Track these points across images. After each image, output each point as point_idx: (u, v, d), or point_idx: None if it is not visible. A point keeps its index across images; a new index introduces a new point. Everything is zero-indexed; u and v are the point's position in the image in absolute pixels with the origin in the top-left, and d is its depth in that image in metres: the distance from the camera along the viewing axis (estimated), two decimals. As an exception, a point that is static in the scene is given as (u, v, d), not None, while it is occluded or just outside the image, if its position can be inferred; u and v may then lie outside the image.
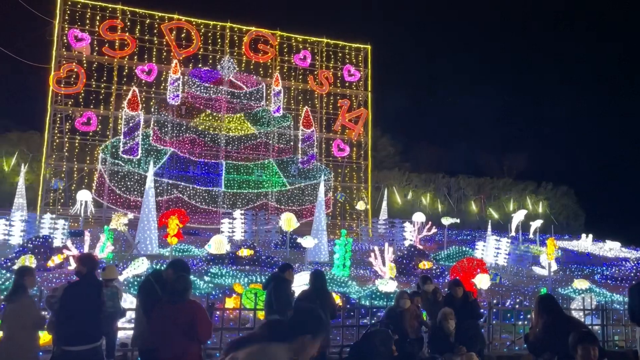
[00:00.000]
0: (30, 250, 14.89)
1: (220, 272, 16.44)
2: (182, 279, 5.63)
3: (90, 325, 6.43)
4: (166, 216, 20.51)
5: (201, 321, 5.40)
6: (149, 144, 27.10)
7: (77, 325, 6.39)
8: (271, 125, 28.92)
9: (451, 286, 8.04)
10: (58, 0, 26.33)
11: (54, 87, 25.80)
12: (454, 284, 8.07)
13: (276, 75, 29.20)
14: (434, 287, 8.32)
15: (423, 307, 8.15)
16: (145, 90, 27.82)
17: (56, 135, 26.41)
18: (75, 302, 6.42)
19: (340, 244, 16.90)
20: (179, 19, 28.13)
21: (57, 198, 26.09)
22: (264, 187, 27.71)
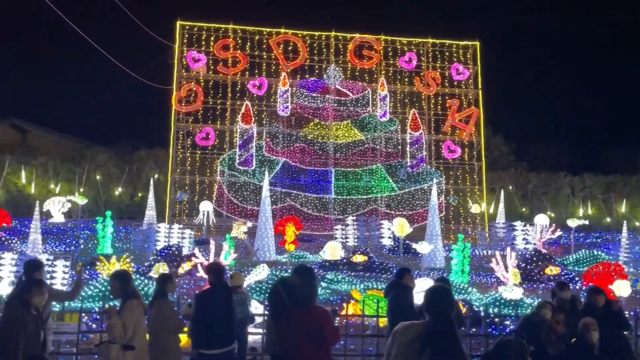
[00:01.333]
0: (162, 258, 16.11)
1: (336, 278, 16.59)
2: (308, 285, 5.68)
3: (223, 329, 6.74)
4: (281, 224, 21.22)
5: (328, 326, 5.41)
6: (262, 154, 28.24)
7: (211, 329, 6.74)
8: (378, 130, 28.84)
9: (591, 294, 7.33)
10: (177, 26, 28.44)
11: (176, 107, 27.84)
12: (594, 291, 7.34)
13: (381, 79, 29.09)
14: (572, 295, 7.66)
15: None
16: (256, 103, 29.07)
17: (179, 151, 28.44)
18: (208, 308, 6.78)
19: (457, 249, 16.32)
20: (286, 32, 29.08)
21: (182, 209, 28.05)
22: (373, 193, 27.66)
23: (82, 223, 24.33)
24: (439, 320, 3.99)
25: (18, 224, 22.76)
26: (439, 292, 4.25)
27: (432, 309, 4.06)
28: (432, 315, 4.04)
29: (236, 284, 8.30)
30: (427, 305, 4.11)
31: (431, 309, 4.06)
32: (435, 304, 4.07)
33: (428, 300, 4.14)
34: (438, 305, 4.05)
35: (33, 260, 7.31)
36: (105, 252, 18.14)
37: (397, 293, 7.35)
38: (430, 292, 4.22)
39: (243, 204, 26.92)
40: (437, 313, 4.02)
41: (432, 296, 4.15)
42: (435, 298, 4.13)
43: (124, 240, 21.29)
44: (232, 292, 7.45)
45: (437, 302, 4.08)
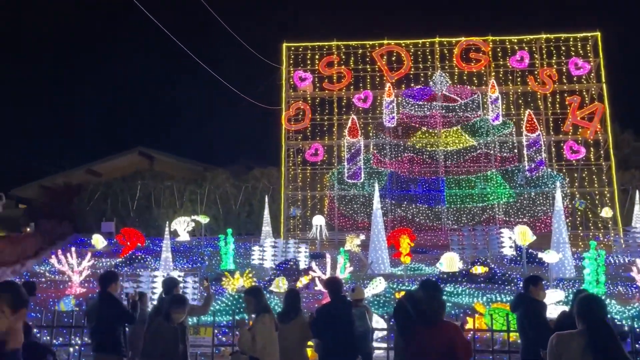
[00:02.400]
0: (282, 273, 16.60)
1: (455, 291, 16.01)
2: (435, 299, 5.47)
3: (344, 343, 6.71)
4: (394, 236, 20.96)
5: (460, 342, 5.15)
6: (371, 167, 28.21)
7: (333, 343, 6.74)
8: (491, 134, 27.58)
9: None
10: (283, 48, 29.55)
11: (286, 125, 28.81)
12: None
13: (492, 81, 27.86)
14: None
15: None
16: (362, 116, 29.20)
17: (290, 168, 29.32)
18: (328, 322, 6.79)
19: (590, 257, 15.00)
20: (389, 43, 28.99)
21: (296, 224, 28.79)
22: (489, 200, 26.42)
23: (205, 241, 25.86)
24: (599, 327, 3.92)
25: (150, 243, 24.75)
26: (591, 299, 4.19)
27: (589, 317, 3.98)
28: (590, 322, 3.94)
29: (357, 298, 8.25)
30: (583, 314, 4.03)
31: (588, 317, 3.99)
32: (592, 311, 4.01)
33: (583, 310, 4.05)
34: (594, 312, 3.99)
35: (171, 278, 7.84)
36: (228, 268, 19.09)
37: (526, 309, 6.75)
38: (582, 301, 4.12)
39: (354, 217, 27.03)
40: (594, 320, 3.95)
41: (586, 305, 4.07)
42: (590, 306, 4.06)
43: (244, 256, 22.27)
44: (352, 306, 7.42)
45: (593, 309, 4.02)
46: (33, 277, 19.37)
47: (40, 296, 15.95)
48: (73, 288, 16.71)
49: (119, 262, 21.11)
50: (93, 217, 33.01)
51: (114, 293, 6.90)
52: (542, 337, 6.21)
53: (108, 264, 21.26)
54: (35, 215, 32.77)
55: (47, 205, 34.49)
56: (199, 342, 8.66)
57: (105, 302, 6.75)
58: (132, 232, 23.42)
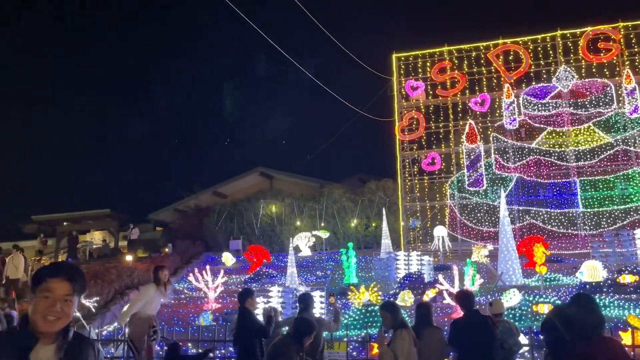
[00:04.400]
0: (407, 286, 16.22)
1: (602, 303, 14.53)
2: (594, 312, 4.98)
3: (480, 358, 6.31)
4: (524, 244, 19.64)
5: (627, 357, 4.63)
6: (493, 173, 26.84)
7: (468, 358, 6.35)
8: (628, 129, 24.95)
9: None
10: (393, 59, 29.39)
11: (400, 136, 28.48)
12: None
13: (626, 71, 25.25)
14: None
15: None
16: (480, 121, 27.99)
17: (407, 179, 28.85)
18: (462, 335, 6.43)
19: None
20: (504, 42, 27.61)
21: (416, 236, 28.17)
22: (632, 202, 23.81)
23: (325, 255, 26.22)
24: None
25: (275, 259, 25.63)
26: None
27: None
28: None
29: (497, 312, 7.75)
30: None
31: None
32: None
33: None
34: None
35: (306, 294, 7.95)
36: (351, 282, 19.11)
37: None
38: None
39: (478, 226, 25.80)
40: None
41: None
42: None
43: (366, 270, 22.19)
44: (488, 319, 6.98)
45: None
46: (174, 294, 20.90)
47: (182, 312, 17.12)
48: (209, 304, 17.71)
49: (247, 278, 22.08)
50: (222, 236, 35.06)
51: (250, 308, 7.19)
52: None
53: (238, 280, 22.34)
54: (171, 236, 35.58)
55: (181, 226, 37.31)
56: (334, 357, 8.66)
57: (242, 317, 7.06)
58: (258, 249, 24.42)
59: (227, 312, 15.64)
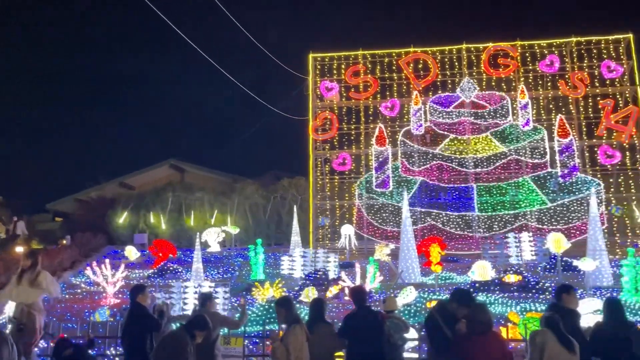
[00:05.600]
0: (311, 283, 16.60)
1: (488, 300, 15.74)
2: (482, 309, 5.42)
3: (368, 352, 6.68)
4: (424, 244, 20.74)
5: (509, 352, 5.14)
6: (399, 175, 28.05)
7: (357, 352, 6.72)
8: (521, 140, 27.12)
9: None
10: (310, 59, 29.77)
11: (313, 135, 28.95)
12: None
13: (521, 87, 27.43)
14: None
15: None
16: (390, 125, 29.10)
17: (318, 178, 29.39)
18: (354, 330, 6.79)
19: (628, 264, 14.56)
20: (415, 51, 28.92)
21: (325, 234, 28.78)
22: (521, 207, 25.90)
23: (235, 251, 26.10)
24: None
25: (182, 254, 25.10)
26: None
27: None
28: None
29: (389, 309, 8.21)
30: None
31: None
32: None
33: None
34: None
35: (205, 293, 8.04)
36: (258, 278, 19.21)
37: (563, 321, 6.54)
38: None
39: (383, 226, 26.85)
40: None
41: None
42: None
43: (274, 266, 22.37)
44: (378, 315, 7.39)
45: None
46: (69, 288, 19.87)
47: (77, 307, 16.35)
48: (107, 299, 17.06)
49: (151, 273, 21.47)
50: (126, 230, 33.72)
51: (142, 303, 7.15)
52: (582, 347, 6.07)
53: (141, 275, 21.65)
54: (71, 228, 33.68)
55: (82, 218, 35.42)
56: (230, 353, 8.73)
57: (133, 312, 7.03)
58: (164, 243, 23.80)
59: (125, 307, 15.15)
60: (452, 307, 6.11)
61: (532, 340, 5.64)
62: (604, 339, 6.19)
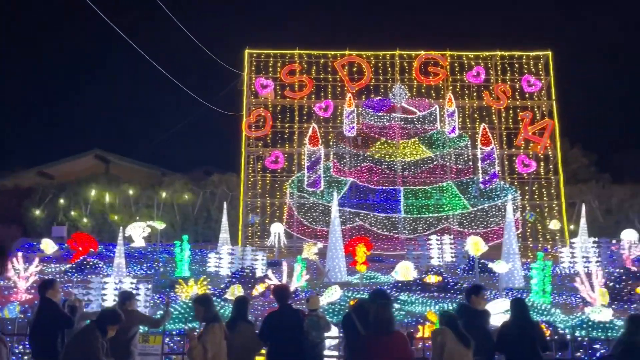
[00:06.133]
0: (237, 281, 16.50)
1: (409, 300, 16.29)
2: (386, 307, 5.55)
3: (288, 351, 6.77)
4: (352, 244, 21.17)
5: (408, 351, 5.27)
6: (330, 175, 28.43)
7: (277, 351, 6.79)
8: (447, 146, 28.30)
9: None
10: (245, 55, 29.52)
11: (246, 132, 28.72)
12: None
13: (449, 95, 28.62)
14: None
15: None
16: (323, 125, 29.42)
17: (250, 175, 29.19)
18: (275, 329, 6.85)
19: (537, 267, 15.58)
20: (350, 54, 29.39)
21: (254, 231, 28.65)
22: (444, 211, 27.03)
23: (160, 247, 25.41)
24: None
25: (104, 249, 24.12)
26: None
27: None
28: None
29: (312, 307, 8.32)
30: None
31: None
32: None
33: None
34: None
35: (125, 291, 7.82)
36: (183, 275, 18.82)
37: (467, 319, 6.83)
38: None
39: (313, 225, 27.13)
40: None
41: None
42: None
43: (200, 263, 22.00)
44: (300, 313, 7.50)
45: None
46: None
47: (-17, 303, 15.32)
48: (19, 294, 16.12)
49: (69, 268, 20.48)
50: (44, 221, 31.95)
51: (53, 299, 6.87)
52: (482, 346, 6.43)
53: (57, 270, 20.61)
54: (-19, 218, 31.41)
55: (-5, 207, 33.14)
56: (148, 351, 8.52)
57: (43, 308, 6.74)
58: (85, 237, 22.80)
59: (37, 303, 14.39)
60: (370, 306, 6.28)
61: (433, 339, 5.92)
62: (508, 337, 6.59)
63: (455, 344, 5.56)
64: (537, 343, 6.60)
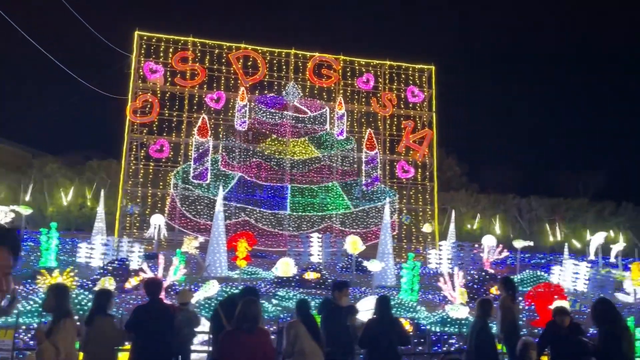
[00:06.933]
0: (109, 273, 15.65)
1: (287, 296, 16.53)
2: (254, 305, 5.57)
3: (156, 345, 6.61)
4: (235, 239, 21.00)
5: (271, 348, 5.34)
6: (218, 169, 28.00)
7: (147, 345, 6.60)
8: (335, 148, 29.15)
9: (557, 314, 6.97)
10: (135, 36, 28.05)
11: (131, 117, 27.32)
12: (561, 312, 6.98)
13: (339, 99, 29.50)
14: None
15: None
16: (214, 117, 28.89)
17: (132, 163, 27.83)
18: (144, 323, 6.65)
19: (407, 267, 16.59)
20: (246, 47, 29.15)
21: (133, 222, 27.36)
22: (328, 210, 27.83)
23: (25, 234, 23.36)
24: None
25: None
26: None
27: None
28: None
29: (182, 301, 8.17)
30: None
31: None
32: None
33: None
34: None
35: None
36: (48, 265, 17.45)
37: (328, 313, 7.00)
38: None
39: (196, 218, 26.53)
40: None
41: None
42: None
43: (70, 253, 20.57)
44: (170, 308, 7.34)
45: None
46: None
47: None
48: None
49: None
50: None
51: None
52: (339, 340, 6.74)
53: None
54: None
55: None
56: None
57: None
58: None
59: None
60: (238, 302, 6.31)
61: (287, 330, 6.07)
62: (371, 333, 6.97)
63: (307, 337, 5.74)
64: (396, 339, 6.99)
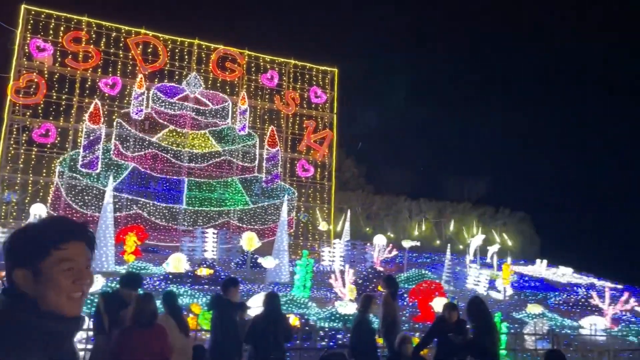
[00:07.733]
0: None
1: (178, 292, 16.12)
2: (150, 299, 5.37)
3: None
4: (124, 232, 20.11)
5: (167, 344, 5.19)
6: (110, 158, 26.57)
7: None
8: (236, 143, 28.84)
9: (446, 309, 7.07)
10: (22, 10, 25.78)
11: (12, 97, 25.10)
12: (450, 307, 7.09)
13: (242, 93, 29.24)
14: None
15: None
16: (108, 103, 27.37)
17: (12, 146, 25.59)
18: None
19: (301, 264, 16.88)
20: (146, 33, 27.94)
21: (10, 211, 25.17)
22: (226, 205, 27.46)
23: None
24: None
25: None
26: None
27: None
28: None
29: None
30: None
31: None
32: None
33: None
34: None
35: None
36: None
37: (221, 310, 6.87)
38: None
39: (83, 209, 24.97)
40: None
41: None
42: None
43: None
44: None
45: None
46: None
47: None
48: None
49: None
50: None
51: None
52: (230, 336, 6.74)
53: None
54: None
55: None
56: None
57: None
58: None
59: None
60: (122, 292, 6.06)
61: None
62: (257, 329, 7.02)
63: (176, 330, 5.69)
64: (281, 335, 7.11)
